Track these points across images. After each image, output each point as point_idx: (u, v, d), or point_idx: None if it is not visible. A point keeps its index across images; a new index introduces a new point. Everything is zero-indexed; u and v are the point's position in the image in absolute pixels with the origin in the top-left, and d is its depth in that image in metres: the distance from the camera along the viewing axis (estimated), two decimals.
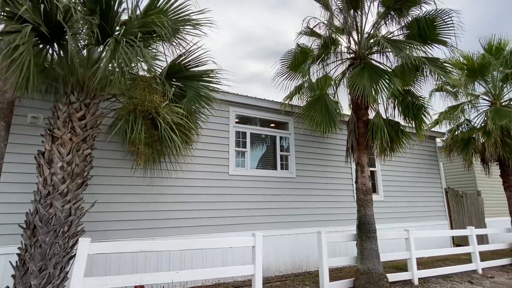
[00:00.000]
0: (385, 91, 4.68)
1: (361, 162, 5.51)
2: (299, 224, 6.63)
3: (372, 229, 5.24)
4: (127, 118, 3.07)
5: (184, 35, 3.68)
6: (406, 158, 8.91)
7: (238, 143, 6.36)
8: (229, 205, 5.93)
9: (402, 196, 8.50)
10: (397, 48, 4.59)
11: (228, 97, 6.27)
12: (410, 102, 5.52)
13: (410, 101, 5.52)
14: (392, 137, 5.48)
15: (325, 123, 5.23)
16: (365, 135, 5.36)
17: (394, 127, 5.63)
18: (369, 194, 5.40)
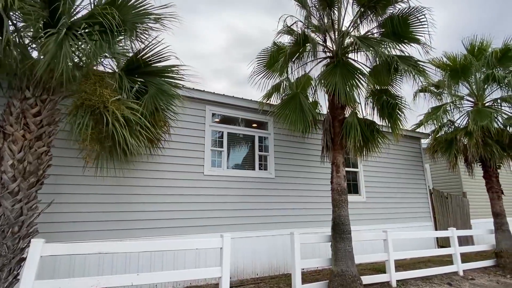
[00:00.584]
0: (356, 89, 4.60)
1: (336, 162, 5.42)
2: (277, 225, 6.52)
3: (346, 230, 5.14)
4: (75, 113, 2.96)
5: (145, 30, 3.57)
6: (390, 159, 8.85)
7: (215, 142, 6.25)
8: (204, 206, 5.81)
9: (385, 197, 8.43)
10: (367, 46, 4.51)
11: (204, 96, 6.17)
12: (385, 101, 5.45)
13: (385, 100, 5.44)
14: (367, 137, 5.40)
15: (299, 122, 5.14)
16: (340, 135, 5.27)
17: (369, 126, 5.56)
18: (344, 194, 5.31)
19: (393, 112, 5.32)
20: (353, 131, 4.90)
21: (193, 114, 6.07)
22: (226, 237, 4.34)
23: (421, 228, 8.89)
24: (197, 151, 5.96)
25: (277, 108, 5.47)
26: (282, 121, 5.34)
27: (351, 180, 8.04)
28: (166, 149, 5.58)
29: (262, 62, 6.01)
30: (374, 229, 7.84)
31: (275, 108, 5.52)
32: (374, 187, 8.30)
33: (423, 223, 9.07)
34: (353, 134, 4.88)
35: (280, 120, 5.38)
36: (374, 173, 8.43)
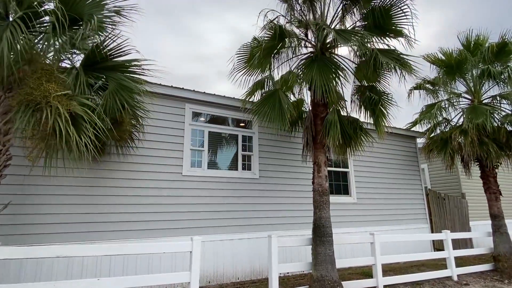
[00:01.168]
0: (334, 84, 4.37)
1: (317, 161, 5.18)
2: (261, 227, 6.29)
3: (327, 232, 4.89)
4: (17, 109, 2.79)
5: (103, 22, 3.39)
6: (383, 159, 8.56)
7: (195, 142, 6.06)
8: (183, 208, 5.61)
9: (378, 198, 8.14)
10: (345, 39, 4.27)
11: (184, 94, 5.98)
12: (368, 98, 5.19)
13: (368, 96, 5.19)
14: (349, 135, 5.15)
15: (278, 120, 4.91)
16: (322, 133, 5.03)
17: (352, 124, 5.31)
18: (325, 195, 5.07)
19: (376, 108, 5.06)
20: (333, 129, 4.66)
21: (172, 113, 5.88)
22: (196, 240, 4.14)
23: (416, 231, 8.57)
24: (175, 151, 5.77)
25: (256, 105, 5.25)
26: (261, 119, 5.12)
27: (341, 180, 7.77)
28: (141, 148, 5.41)
29: (243, 58, 5.79)
30: (366, 231, 7.56)
31: (254, 106, 5.31)
32: (365, 188, 8.02)
33: (419, 225, 8.75)
34: (332, 132, 4.63)
35: (258, 118, 5.16)
36: (366, 173, 8.15)
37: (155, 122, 5.66)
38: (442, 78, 8.28)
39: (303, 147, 5.28)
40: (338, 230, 7.08)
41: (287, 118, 4.85)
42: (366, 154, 8.12)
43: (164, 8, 32.33)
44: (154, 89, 5.65)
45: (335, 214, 7.17)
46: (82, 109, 2.93)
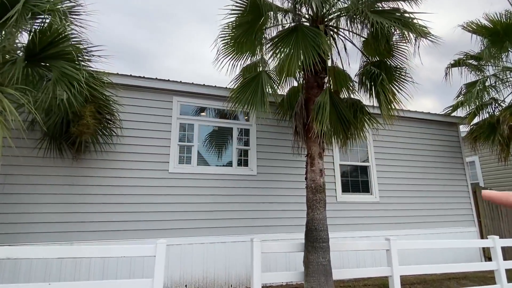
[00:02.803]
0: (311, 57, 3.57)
1: (311, 153, 4.38)
2: (259, 229, 5.64)
3: (321, 237, 4.08)
4: None
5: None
6: (413, 150, 7.30)
7: (184, 136, 5.64)
8: (169, 207, 5.23)
9: (406, 197, 6.93)
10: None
11: (170, 86, 5.61)
12: (367, 72, 4.24)
13: (368, 70, 4.23)
14: (348, 119, 4.25)
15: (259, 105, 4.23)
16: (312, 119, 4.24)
17: (353, 106, 4.40)
18: (319, 192, 4.25)
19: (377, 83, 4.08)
20: (321, 112, 3.84)
21: (158, 107, 5.54)
22: (160, 244, 3.68)
23: (460, 235, 7.13)
24: (161, 147, 5.41)
25: (235, 92, 4.62)
26: (242, 106, 4.49)
27: (360, 176, 6.75)
28: (123, 145, 5.15)
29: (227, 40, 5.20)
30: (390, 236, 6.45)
31: (233, 92, 4.68)
32: (390, 185, 6.87)
33: (464, 228, 7.28)
34: (320, 115, 3.82)
35: (239, 105, 4.54)
36: (391, 167, 6.99)
37: (139, 117, 5.37)
38: (486, 49, 6.77)
39: (293, 136, 4.52)
40: (355, 233, 6.14)
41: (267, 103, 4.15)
42: (391, 145, 7.01)
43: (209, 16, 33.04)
44: (136, 82, 5.37)
45: (351, 215, 6.24)
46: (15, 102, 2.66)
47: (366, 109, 4.46)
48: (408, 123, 7.45)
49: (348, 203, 6.40)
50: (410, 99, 4.64)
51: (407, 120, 7.42)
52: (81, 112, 3.89)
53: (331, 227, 6.10)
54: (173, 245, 5.08)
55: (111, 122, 4.76)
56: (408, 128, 7.43)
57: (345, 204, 6.37)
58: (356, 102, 4.49)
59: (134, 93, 5.42)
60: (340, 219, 6.24)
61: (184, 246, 5.15)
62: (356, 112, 4.38)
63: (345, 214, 6.31)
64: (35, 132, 4.68)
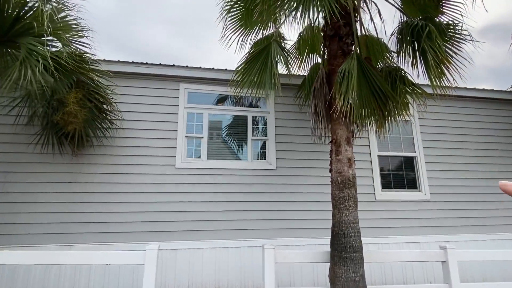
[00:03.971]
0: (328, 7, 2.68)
1: (336, 138, 3.48)
2: (280, 232, 4.83)
3: (351, 245, 3.16)
4: None
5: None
6: (474, 136, 5.93)
7: (192, 127, 5.02)
8: (175, 207, 4.64)
9: (464, 194, 5.61)
10: None
11: (176, 71, 5.04)
12: (416, 27, 3.19)
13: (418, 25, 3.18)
14: (384, 92, 3.25)
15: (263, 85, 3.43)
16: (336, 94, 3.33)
17: (390, 75, 3.40)
18: (348, 188, 3.34)
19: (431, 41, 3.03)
20: (346, 83, 2.93)
21: (163, 95, 4.99)
22: (150, 250, 3.08)
23: None
24: (167, 139, 4.84)
25: (240, 72, 3.84)
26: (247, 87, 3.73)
27: (404, 169, 5.59)
28: (124, 138, 4.68)
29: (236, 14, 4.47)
30: (445, 242, 5.24)
31: (237, 72, 3.90)
32: (444, 179, 5.61)
33: None
34: (344, 87, 2.92)
35: (244, 86, 3.78)
36: (444, 158, 5.72)
37: (142, 107, 4.86)
38: None
39: (312, 118, 3.64)
40: (401, 238, 5.08)
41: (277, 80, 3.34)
42: (443, 131, 5.77)
43: None
44: (139, 69, 4.87)
45: (395, 217, 5.19)
46: None
47: (408, 78, 3.42)
48: (465, 103, 6.09)
49: (390, 201, 5.31)
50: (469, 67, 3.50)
51: (464, 100, 6.08)
52: (66, 99, 3.42)
53: (369, 230, 5.09)
54: (181, 249, 4.48)
55: (109, 113, 4.29)
56: (466, 109, 6.07)
57: (386, 203, 5.29)
58: (395, 69, 3.48)
59: (138, 81, 4.94)
60: (380, 221, 5.18)
61: (193, 250, 4.52)
62: (395, 83, 3.38)
63: (387, 215, 5.23)
64: (35, 127, 4.38)
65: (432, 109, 5.91)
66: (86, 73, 3.68)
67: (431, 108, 5.91)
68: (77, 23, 3.74)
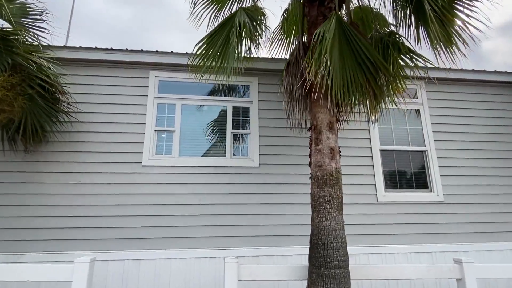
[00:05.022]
0: None
1: (316, 124, 2.79)
2: (263, 240, 4.14)
3: (333, 259, 2.45)
4: None
5: None
6: (497, 127, 5.06)
7: (162, 120, 4.44)
8: (140, 210, 4.04)
9: (486, 194, 4.74)
10: None
11: (145, 57, 4.48)
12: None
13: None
14: (373, 62, 2.53)
15: (226, 60, 2.80)
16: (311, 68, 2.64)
17: (382, 42, 2.68)
18: (329, 185, 2.64)
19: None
20: (321, 47, 2.25)
21: (130, 84, 4.44)
22: (79, 263, 2.50)
23: None
24: (133, 134, 4.28)
25: (203, 48, 3.22)
26: (209, 64, 3.11)
27: (412, 166, 4.79)
28: (84, 133, 4.14)
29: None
30: (464, 251, 4.40)
31: (198, 48, 3.27)
32: (460, 177, 4.76)
33: None
34: (317, 53, 2.24)
35: (204, 71, 3.17)
36: (461, 153, 4.87)
37: (106, 98, 4.33)
38: None
39: (287, 99, 2.97)
40: (408, 247, 4.30)
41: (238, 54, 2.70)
42: (459, 121, 4.96)
43: None
44: (102, 56, 4.35)
45: (401, 221, 4.44)
46: None
47: (404, 44, 2.69)
48: (484, 88, 5.23)
49: (395, 203, 4.52)
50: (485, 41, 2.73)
51: (482, 85, 5.22)
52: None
53: (370, 238, 4.32)
54: (145, 259, 3.87)
55: (65, 104, 3.78)
56: (485, 96, 5.21)
57: (390, 206, 4.50)
58: (387, 34, 2.76)
59: (102, 70, 4.42)
60: (383, 227, 4.39)
61: (160, 261, 3.90)
62: (387, 50, 2.66)
63: (392, 219, 4.44)
64: None
65: (445, 96, 5.09)
66: (26, 55, 3.18)
67: (444, 95, 5.10)
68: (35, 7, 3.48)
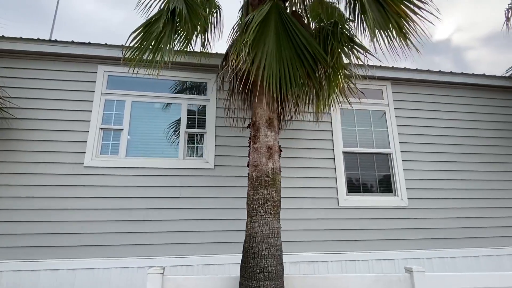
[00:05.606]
0: None
1: (255, 120, 2.55)
2: (217, 248, 3.86)
3: (263, 269, 2.19)
4: None
5: None
6: (463, 130, 4.94)
7: (110, 118, 4.14)
8: (80, 216, 3.71)
9: (454, 199, 4.58)
10: None
11: (94, 50, 4.18)
12: None
13: None
14: (312, 52, 2.32)
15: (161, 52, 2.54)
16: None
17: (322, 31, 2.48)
18: (264, 186, 2.39)
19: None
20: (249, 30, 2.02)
21: (75, 79, 4.13)
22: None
23: None
24: (76, 132, 3.95)
25: (130, 50, 2.97)
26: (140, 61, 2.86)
27: (376, 169, 4.60)
28: (21, 130, 3.81)
29: None
30: (427, 258, 4.22)
31: (129, 50, 3.02)
32: (426, 181, 4.60)
33: None
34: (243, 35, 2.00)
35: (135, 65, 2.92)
36: (427, 156, 4.72)
37: (47, 93, 4.01)
38: None
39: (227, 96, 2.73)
40: (370, 255, 4.10)
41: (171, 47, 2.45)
42: (426, 123, 4.81)
43: None
44: (45, 48, 4.04)
45: (363, 227, 4.23)
46: None
47: (345, 34, 2.49)
48: (451, 90, 5.12)
49: (357, 208, 4.31)
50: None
51: (450, 87, 5.11)
52: None
53: (331, 245, 4.08)
54: (82, 269, 3.54)
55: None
56: (452, 98, 5.09)
57: (352, 210, 4.29)
58: (329, 25, 2.55)
59: (44, 63, 4.10)
60: (345, 233, 4.17)
61: (98, 271, 3.56)
62: (328, 40, 2.45)
63: (353, 225, 4.22)
64: None
65: (412, 97, 4.96)
66: None
67: (411, 97, 4.96)
68: None
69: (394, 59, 2.82)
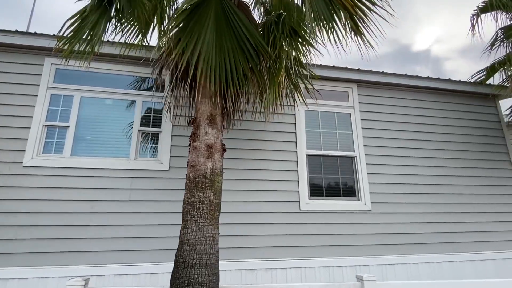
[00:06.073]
0: None
1: (197, 117, 2.36)
2: (168, 254, 3.60)
3: (192, 280, 1.99)
4: None
5: None
6: (429, 134, 4.92)
7: (55, 114, 3.83)
8: (18, 220, 3.38)
9: (418, 203, 4.53)
10: None
11: (40, 41, 3.87)
12: None
13: None
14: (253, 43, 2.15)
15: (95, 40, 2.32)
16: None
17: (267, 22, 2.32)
18: (200, 188, 2.19)
19: None
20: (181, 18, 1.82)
21: (18, 72, 3.81)
22: None
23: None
24: (15, 128, 3.63)
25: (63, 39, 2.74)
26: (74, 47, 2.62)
27: (340, 172, 4.49)
28: None
29: None
30: (390, 264, 4.12)
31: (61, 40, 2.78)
32: (390, 185, 4.53)
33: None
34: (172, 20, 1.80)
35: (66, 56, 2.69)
36: (391, 159, 4.65)
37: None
38: None
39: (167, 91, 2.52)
40: (332, 261, 3.93)
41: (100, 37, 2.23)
42: (390, 126, 4.75)
43: None
44: None
45: (325, 232, 4.09)
46: None
47: (285, 22, 2.32)
48: (416, 95, 5.11)
49: (319, 212, 4.17)
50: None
51: (416, 91, 5.10)
52: None
53: (291, 250, 3.90)
54: (13, 279, 3.20)
55: None
56: (418, 102, 5.08)
57: (314, 215, 4.15)
58: (274, 16, 2.39)
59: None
60: (306, 238, 4.02)
61: (33, 281, 3.24)
62: (270, 30, 2.30)
63: (315, 230, 4.08)
64: None
65: (377, 100, 4.90)
66: None
67: (376, 100, 4.91)
68: None
69: (343, 56, 2.71)
